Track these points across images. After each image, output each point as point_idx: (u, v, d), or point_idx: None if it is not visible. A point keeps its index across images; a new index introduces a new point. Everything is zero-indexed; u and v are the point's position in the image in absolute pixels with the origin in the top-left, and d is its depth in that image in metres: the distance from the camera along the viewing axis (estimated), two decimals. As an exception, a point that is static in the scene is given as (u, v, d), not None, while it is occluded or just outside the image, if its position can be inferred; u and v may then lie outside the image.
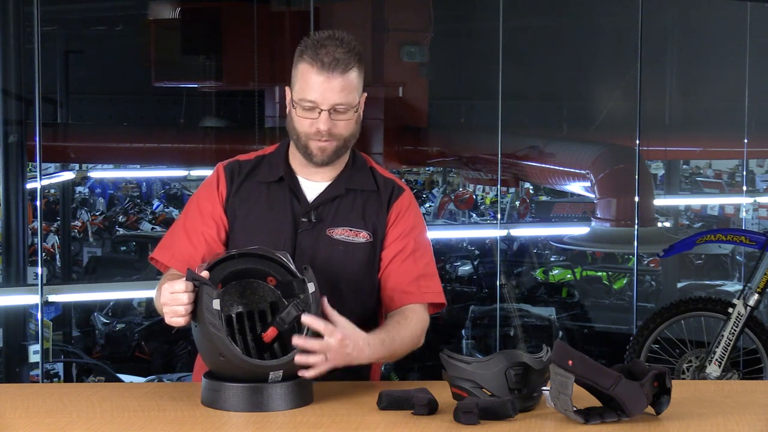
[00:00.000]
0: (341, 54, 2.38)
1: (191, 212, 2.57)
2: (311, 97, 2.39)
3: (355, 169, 2.55)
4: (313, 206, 2.50)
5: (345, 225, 2.50)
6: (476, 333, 8.37)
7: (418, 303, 2.51)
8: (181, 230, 2.55)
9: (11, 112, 6.03)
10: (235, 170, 2.55)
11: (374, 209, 2.53)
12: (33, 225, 8.18)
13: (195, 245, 2.51)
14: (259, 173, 2.55)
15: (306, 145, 2.45)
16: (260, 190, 2.53)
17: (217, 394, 2.23)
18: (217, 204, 2.53)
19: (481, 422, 2.11)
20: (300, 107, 2.42)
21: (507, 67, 7.20)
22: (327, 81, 2.38)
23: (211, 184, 2.56)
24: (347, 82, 2.39)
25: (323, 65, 2.38)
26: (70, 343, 8.83)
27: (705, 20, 10.34)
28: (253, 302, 2.34)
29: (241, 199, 2.53)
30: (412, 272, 2.52)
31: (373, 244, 2.51)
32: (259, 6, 8.16)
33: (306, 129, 2.43)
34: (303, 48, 2.42)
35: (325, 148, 2.44)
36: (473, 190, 13.02)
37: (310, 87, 2.39)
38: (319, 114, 2.40)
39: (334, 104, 2.39)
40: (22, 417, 2.21)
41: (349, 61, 2.39)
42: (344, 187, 2.52)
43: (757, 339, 4.96)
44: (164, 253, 2.55)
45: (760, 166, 14.86)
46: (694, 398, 2.32)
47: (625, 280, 10.46)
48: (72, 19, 10.39)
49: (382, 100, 8.69)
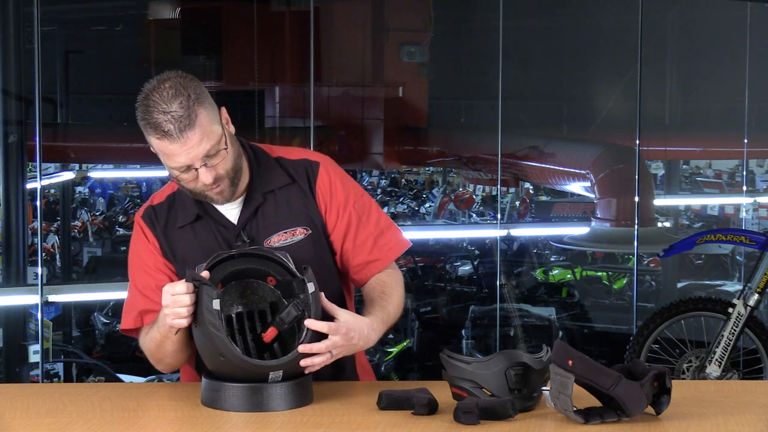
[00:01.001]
0: (178, 110, 2.27)
1: (137, 271, 2.51)
2: (180, 163, 2.32)
3: (262, 169, 2.49)
4: (240, 227, 2.46)
5: (279, 230, 2.46)
6: (476, 333, 8.36)
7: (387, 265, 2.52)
8: (137, 294, 2.50)
9: (11, 112, 6.02)
10: (153, 219, 2.50)
11: (300, 201, 2.49)
12: (33, 225, 8.18)
13: (155, 300, 2.42)
14: (175, 217, 2.50)
15: (205, 197, 2.41)
16: (184, 231, 2.48)
17: (217, 394, 2.23)
18: (156, 254, 2.48)
19: (481, 422, 2.11)
20: (176, 175, 2.37)
21: (507, 67, 7.20)
22: (184, 144, 2.29)
23: (140, 239, 2.51)
24: (201, 129, 2.29)
25: (170, 134, 2.28)
26: (70, 343, 8.83)
27: (705, 20, 10.33)
28: (253, 302, 2.34)
29: (171, 245, 2.48)
30: (369, 240, 2.51)
31: (314, 234, 2.48)
32: (259, 6, 8.15)
33: (194, 187, 2.38)
34: (144, 123, 2.32)
35: (222, 191, 2.39)
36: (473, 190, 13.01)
37: (173, 158, 2.31)
38: (196, 171, 2.34)
39: (203, 156, 2.31)
40: (22, 417, 2.21)
41: (189, 111, 2.28)
42: (261, 194, 2.47)
43: (757, 339, 4.96)
44: (133, 321, 2.50)
45: (760, 166, 14.85)
46: (694, 398, 2.31)
47: (625, 280, 10.46)
48: (72, 19, 10.38)
49: (382, 100, 8.69)
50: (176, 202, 2.50)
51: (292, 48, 8.28)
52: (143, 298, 2.48)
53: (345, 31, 8.63)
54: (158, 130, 2.28)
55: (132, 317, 2.50)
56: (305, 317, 2.25)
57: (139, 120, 2.33)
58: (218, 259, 2.31)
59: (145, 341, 2.46)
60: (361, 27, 8.56)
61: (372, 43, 8.55)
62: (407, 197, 14.47)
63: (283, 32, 8.29)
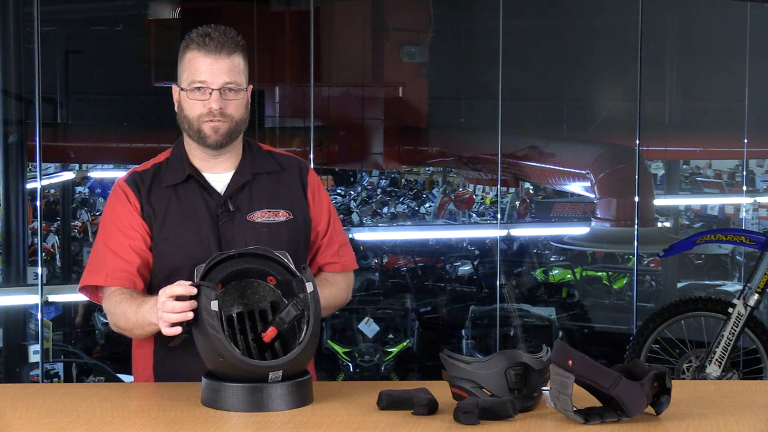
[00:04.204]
0: (225, 39, 2.47)
1: (109, 231, 2.54)
2: (201, 78, 2.46)
3: (254, 154, 2.62)
4: (227, 196, 2.54)
5: (263, 208, 2.56)
6: (476, 333, 8.37)
7: (341, 272, 2.68)
8: (106, 250, 2.53)
9: (11, 112, 6.03)
10: (138, 181, 2.56)
11: (286, 188, 2.60)
12: (33, 225, 8.18)
13: (127, 259, 2.50)
14: (162, 179, 2.56)
15: (199, 129, 2.50)
16: (169, 194, 2.54)
17: (217, 394, 2.23)
18: (134, 215, 2.53)
19: (481, 422, 2.11)
20: (190, 91, 2.48)
21: (507, 67, 7.20)
22: (215, 62, 2.46)
23: (120, 200, 2.55)
24: (234, 63, 2.48)
25: (209, 48, 2.46)
26: (70, 343, 8.83)
27: (705, 20, 10.34)
28: (253, 302, 2.35)
29: (153, 206, 2.53)
30: (335, 244, 2.67)
31: (293, 220, 2.58)
32: (259, 6, 8.16)
33: (198, 111, 2.48)
34: (187, 41, 2.50)
35: (218, 128, 2.49)
36: (473, 190, 13.01)
37: (199, 70, 2.47)
38: (210, 94, 2.46)
39: (224, 83, 2.47)
40: (22, 417, 2.21)
41: (233, 45, 2.48)
42: (250, 172, 2.57)
43: (757, 339, 4.95)
44: (97, 277, 2.53)
45: (760, 166, 14.84)
46: (694, 398, 2.31)
47: (625, 280, 10.46)
48: (72, 19, 10.39)
49: (382, 100, 8.70)
50: (164, 166, 2.59)
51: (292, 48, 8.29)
52: (113, 256, 2.51)
53: (345, 31, 8.64)
54: (202, 43, 2.46)
55: (98, 276, 2.52)
56: (305, 317, 2.26)
57: (185, 39, 2.49)
58: (218, 259, 2.31)
59: (112, 307, 2.49)
60: (361, 27, 8.57)
61: (372, 43, 8.56)
62: (407, 197, 14.47)
63: (283, 32, 8.30)
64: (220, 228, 2.52)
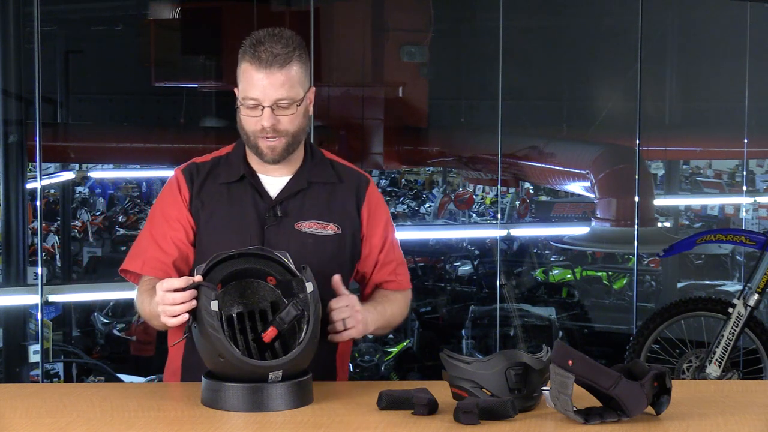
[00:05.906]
0: (279, 49, 2.40)
1: (156, 220, 2.56)
2: (253, 95, 2.42)
3: (314, 162, 2.57)
4: (277, 201, 2.52)
5: (312, 218, 2.53)
6: (476, 333, 8.37)
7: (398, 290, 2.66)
8: (149, 238, 2.55)
9: (11, 112, 6.02)
10: (193, 173, 2.56)
11: (340, 201, 2.56)
12: (33, 225, 8.18)
13: (165, 251, 2.51)
14: (218, 174, 2.56)
15: (256, 145, 2.48)
16: (221, 191, 2.54)
17: (217, 394, 2.23)
18: (182, 207, 2.53)
19: (481, 422, 2.11)
20: (244, 106, 2.44)
21: (507, 67, 7.20)
22: (267, 77, 2.40)
23: (172, 190, 2.56)
24: (287, 76, 2.41)
25: (261, 62, 2.40)
26: (70, 343, 8.83)
27: (705, 20, 10.34)
28: (253, 302, 2.34)
29: (203, 200, 2.53)
30: (392, 264, 2.64)
31: (342, 235, 2.55)
32: (259, 6, 8.15)
33: (252, 127, 2.45)
34: (244, 48, 2.44)
35: (274, 147, 2.46)
36: (473, 190, 13.01)
37: (252, 85, 2.42)
38: (262, 111, 2.42)
39: (276, 100, 2.41)
40: (22, 417, 2.21)
41: (288, 55, 2.41)
42: (306, 181, 2.55)
43: (757, 339, 4.95)
44: (135, 263, 2.55)
45: (760, 166, 14.85)
46: (694, 398, 2.31)
47: (625, 280, 10.46)
48: (72, 19, 10.39)
49: (382, 100, 8.69)
50: (222, 162, 2.57)
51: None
52: (153, 245, 2.52)
53: (345, 31, 8.63)
54: (255, 55, 2.40)
55: (136, 262, 2.55)
56: (305, 317, 2.26)
57: (244, 43, 2.44)
58: (218, 259, 2.31)
59: (138, 296, 2.52)
60: (361, 27, 8.56)
61: (372, 43, 8.55)
62: (407, 197, 14.48)
63: (283, 32, 8.28)
64: (265, 232, 2.50)
